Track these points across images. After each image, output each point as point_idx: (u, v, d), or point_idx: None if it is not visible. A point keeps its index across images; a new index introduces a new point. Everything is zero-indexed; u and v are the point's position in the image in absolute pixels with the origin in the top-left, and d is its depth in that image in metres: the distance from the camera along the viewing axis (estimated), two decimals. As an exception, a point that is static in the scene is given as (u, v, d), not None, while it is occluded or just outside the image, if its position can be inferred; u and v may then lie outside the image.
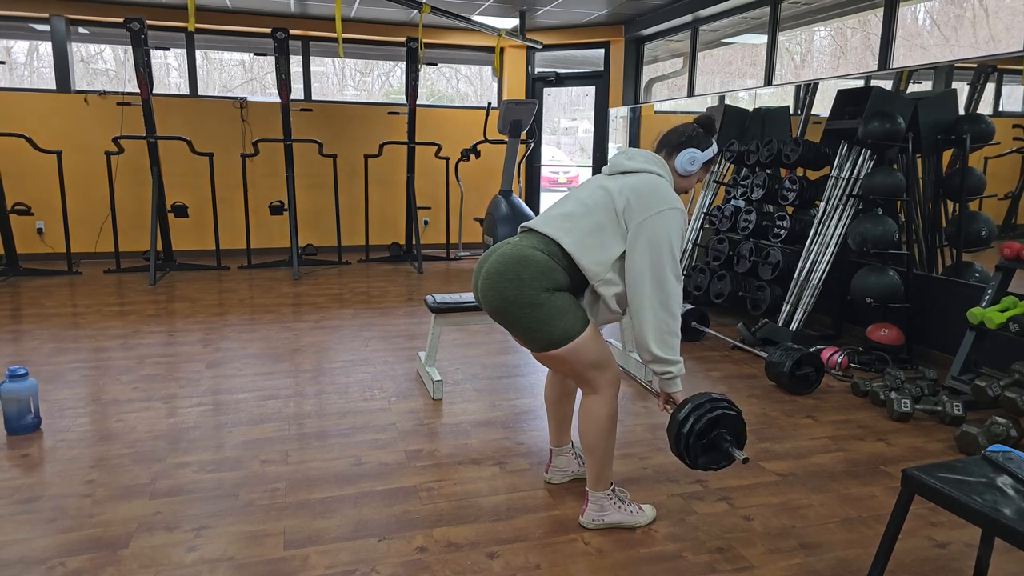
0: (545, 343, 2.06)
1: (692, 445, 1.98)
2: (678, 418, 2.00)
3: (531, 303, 2.03)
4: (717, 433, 1.99)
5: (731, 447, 1.98)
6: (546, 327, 2.04)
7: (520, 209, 6.79)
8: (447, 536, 2.22)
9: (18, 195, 6.52)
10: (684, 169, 2.21)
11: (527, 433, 3.03)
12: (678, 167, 2.21)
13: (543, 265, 2.06)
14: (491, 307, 2.13)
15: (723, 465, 2.04)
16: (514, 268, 2.06)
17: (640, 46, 7.84)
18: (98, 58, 7.63)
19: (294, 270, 6.46)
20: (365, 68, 8.67)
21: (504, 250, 2.13)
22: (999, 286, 3.43)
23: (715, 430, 1.99)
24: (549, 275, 2.06)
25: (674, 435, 2.00)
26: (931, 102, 4.11)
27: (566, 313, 2.05)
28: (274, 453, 2.79)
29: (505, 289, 2.06)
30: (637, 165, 2.17)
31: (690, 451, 1.98)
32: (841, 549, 2.19)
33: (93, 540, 2.16)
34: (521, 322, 2.06)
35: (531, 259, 2.06)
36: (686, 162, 2.20)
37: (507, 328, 2.16)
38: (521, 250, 2.09)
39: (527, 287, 2.04)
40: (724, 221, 5.19)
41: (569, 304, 2.07)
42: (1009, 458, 1.70)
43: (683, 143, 2.22)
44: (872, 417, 3.30)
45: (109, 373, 3.72)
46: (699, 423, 1.97)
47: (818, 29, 5.44)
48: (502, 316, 2.11)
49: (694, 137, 2.23)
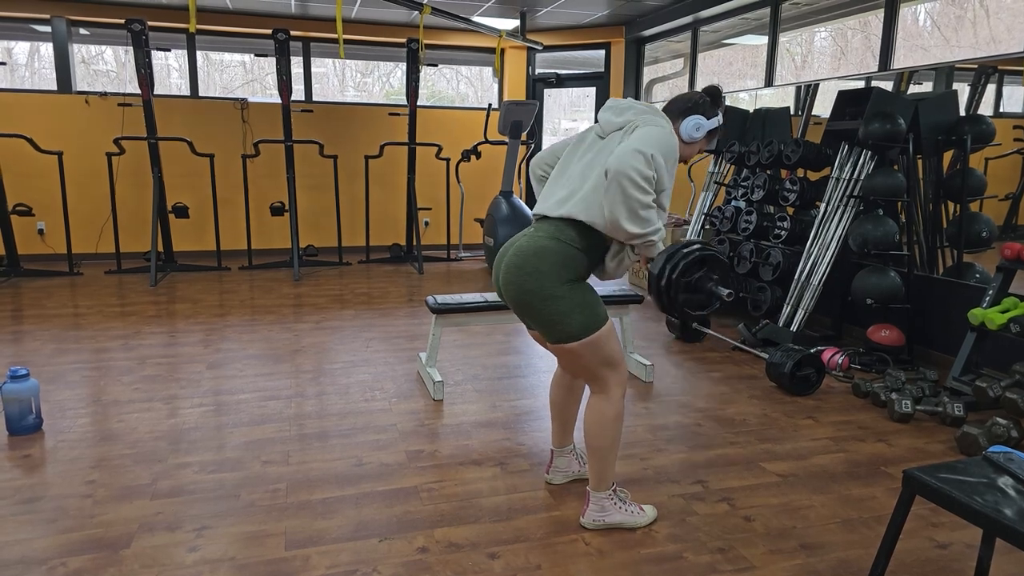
0: (564, 335, 2.08)
1: (675, 281, 1.94)
2: (659, 263, 1.99)
3: (552, 295, 2.05)
4: (703, 274, 1.95)
5: (715, 286, 1.95)
6: (566, 319, 2.06)
7: (521, 210, 6.79)
8: (448, 536, 2.22)
9: (19, 196, 6.52)
10: (689, 135, 2.17)
11: (528, 434, 3.03)
12: (683, 133, 2.17)
13: (561, 255, 2.07)
14: (513, 301, 2.15)
15: (703, 311, 1.98)
16: (532, 261, 2.07)
17: (641, 47, 7.84)
18: (99, 59, 7.64)
19: (295, 271, 6.47)
20: (366, 69, 8.68)
21: (521, 243, 2.13)
22: (1000, 287, 3.43)
23: (701, 269, 1.95)
24: (568, 264, 2.07)
25: (655, 280, 1.98)
26: (932, 103, 4.11)
27: (586, 308, 2.07)
28: (275, 454, 2.79)
29: (525, 283, 2.07)
30: (628, 118, 2.10)
31: (672, 287, 1.94)
32: (842, 550, 2.19)
33: (94, 540, 2.16)
34: (542, 314, 2.08)
35: (548, 250, 2.07)
36: (691, 128, 2.16)
37: (528, 320, 2.18)
38: (538, 241, 2.10)
39: (547, 279, 2.05)
40: (725, 222, 5.19)
41: (589, 299, 2.10)
42: (1010, 459, 1.70)
43: (689, 108, 2.19)
44: (873, 418, 3.30)
45: (110, 374, 3.72)
46: (684, 260, 1.95)
47: (819, 30, 5.44)
48: (523, 309, 2.13)
49: (700, 104, 2.19)
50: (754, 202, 4.94)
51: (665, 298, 1.98)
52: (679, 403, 3.45)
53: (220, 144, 7.07)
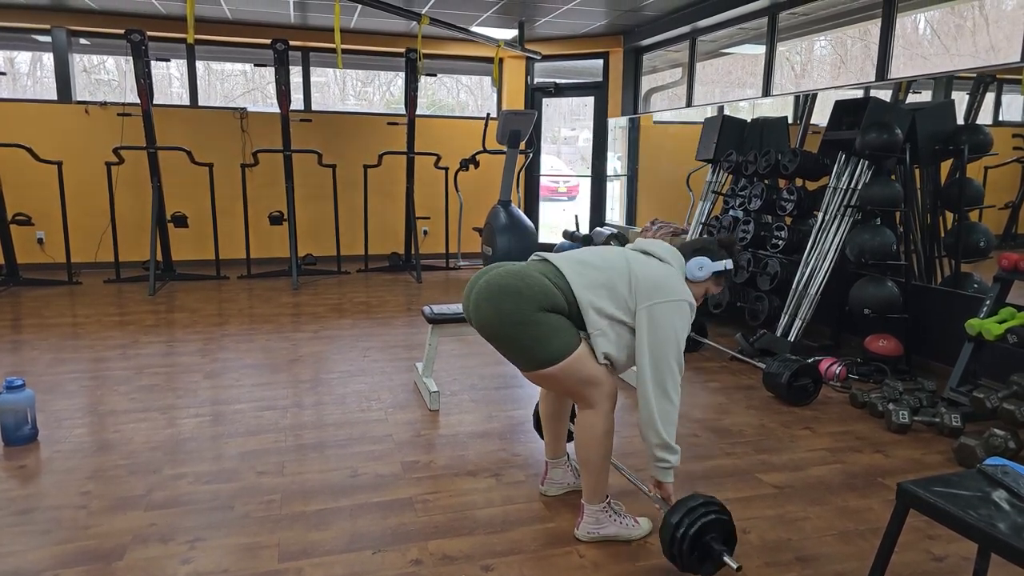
0: (538, 362, 2.04)
1: (685, 552, 1.98)
2: (671, 521, 2.00)
3: (526, 320, 2.01)
4: (707, 539, 2.00)
5: (725, 554, 1.98)
6: (539, 345, 2.02)
7: (519, 219, 6.80)
8: (442, 548, 2.21)
9: (19, 205, 6.53)
10: (692, 275, 2.26)
11: (524, 445, 3.02)
12: (687, 272, 2.26)
13: (546, 287, 2.05)
14: (483, 321, 2.09)
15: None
16: (515, 284, 2.04)
17: (639, 56, 7.87)
18: (100, 68, 7.67)
19: (293, 280, 6.47)
20: (366, 78, 8.72)
21: (509, 267, 2.12)
22: (997, 297, 3.42)
23: (705, 536, 1.99)
24: (550, 297, 2.04)
25: (667, 540, 2.01)
26: (929, 112, 4.11)
27: (560, 331, 2.04)
28: (270, 464, 2.78)
29: (503, 303, 2.02)
30: (659, 252, 2.22)
31: (683, 556, 1.98)
32: (838, 562, 2.17)
33: (88, 552, 2.15)
34: (513, 339, 2.04)
35: (536, 279, 2.06)
36: (694, 267, 2.26)
37: (496, 345, 2.11)
38: (528, 269, 2.10)
39: (525, 303, 2.01)
40: (722, 231, 5.19)
41: (563, 323, 2.06)
42: (1005, 472, 1.69)
43: (697, 250, 2.29)
44: (870, 428, 3.29)
45: (107, 383, 3.71)
46: (691, 528, 1.97)
47: (818, 39, 5.46)
48: (492, 331, 2.08)
49: (708, 248, 2.30)
50: (752, 212, 4.94)
51: (680, 562, 2.03)
52: (676, 413, 3.43)
53: (219, 153, 7.08)
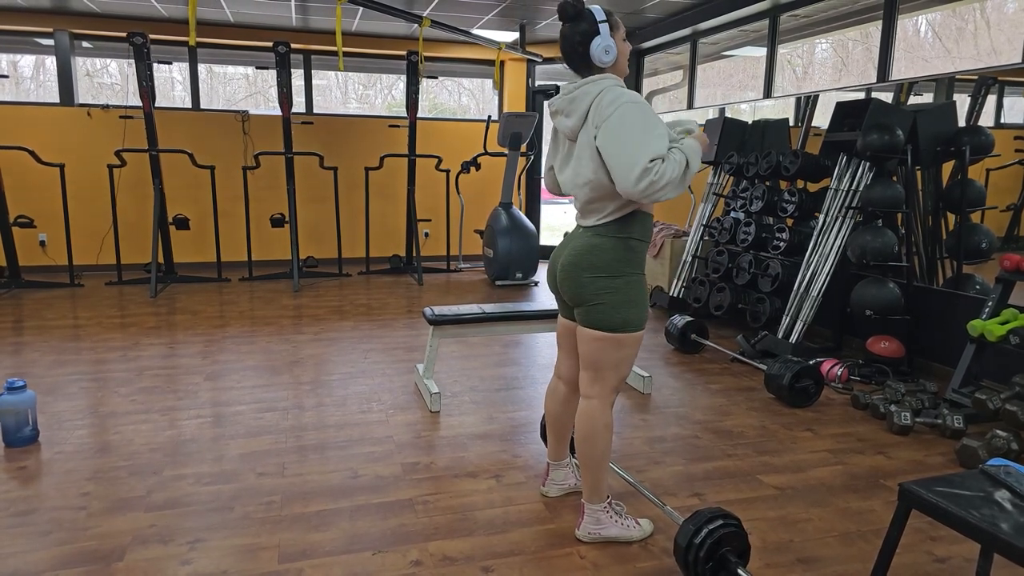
0: (604, 324, 2.12)
1: (701, 559, 1.97)
2: (690, 527, 2.00)
3: (607, 287, 2.11)
4: (724, 551, 1.99)
5: (740, 568, 1.98)
6: (612, 311, 2.11)
7: (520, 221, 6.80)
8: (442, 550, 2.20)
9: (21, 207, 6.54)
10: (600, 60, 2.04)
11: (524, 446, 3.02)
12: (598, 61, 2.04)
13: (612, 249, 2.12)
14: (569, 294, 2.20)
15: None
16: (588, 259, 2.13)
17: (640, 59, 7.87)
18: (103, 71, 7.69)
19: (294, 282, 6.47)
20: (368, 81, 8.72)
21: (575, 244, 2.19)
22: (999, 298, 3.41)
23: (723, 547, 1.99)
24: (622, 255, 2.12)
25: (684, 546, 2.00)
26: (930, 114, 4.11)
27: (633, 306, 2.12)
28: (271, 465, 2.78)
29: (581, 275, 2.13)
30: (581, 106, 2.05)
31: (697, 564, 1.98)
32: (840, 564, 2.17)
33: (88, 553, 2.15)
34: (594, 304, 2.12)
35: (600, 247, 2.13)
36: (600, 54, 2.03)
37: (577, 308, 2.19)
38: (589, 239, 2.16)
39: (602, 273, 2.11)
40: (723, 233, 5.19)
41: (638, 298, 2.14)
42: (1008, 472, 1.68)
43: (584, 39, 2.03)
44: (872, 430, 3.28)
45: (108, 385, 3.71)
46: (711, 537, 1.97)
47: (819, 41, 5.46)
48: (578, 301, 2.17)
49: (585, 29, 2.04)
50: (753, 213, 4.94)
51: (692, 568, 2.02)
52: (677, 415, 3.43)
53: (221, 156, 7.09)
